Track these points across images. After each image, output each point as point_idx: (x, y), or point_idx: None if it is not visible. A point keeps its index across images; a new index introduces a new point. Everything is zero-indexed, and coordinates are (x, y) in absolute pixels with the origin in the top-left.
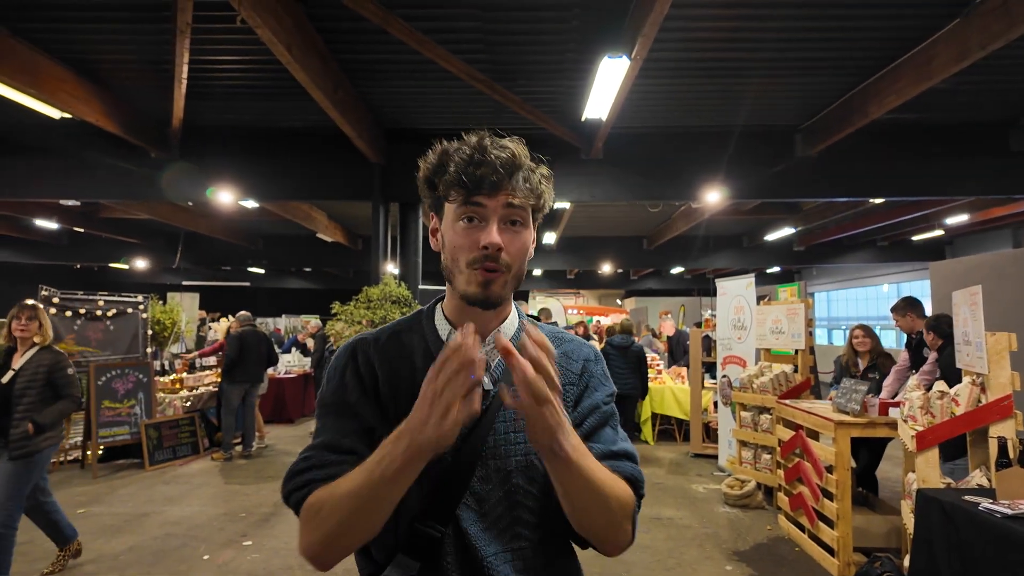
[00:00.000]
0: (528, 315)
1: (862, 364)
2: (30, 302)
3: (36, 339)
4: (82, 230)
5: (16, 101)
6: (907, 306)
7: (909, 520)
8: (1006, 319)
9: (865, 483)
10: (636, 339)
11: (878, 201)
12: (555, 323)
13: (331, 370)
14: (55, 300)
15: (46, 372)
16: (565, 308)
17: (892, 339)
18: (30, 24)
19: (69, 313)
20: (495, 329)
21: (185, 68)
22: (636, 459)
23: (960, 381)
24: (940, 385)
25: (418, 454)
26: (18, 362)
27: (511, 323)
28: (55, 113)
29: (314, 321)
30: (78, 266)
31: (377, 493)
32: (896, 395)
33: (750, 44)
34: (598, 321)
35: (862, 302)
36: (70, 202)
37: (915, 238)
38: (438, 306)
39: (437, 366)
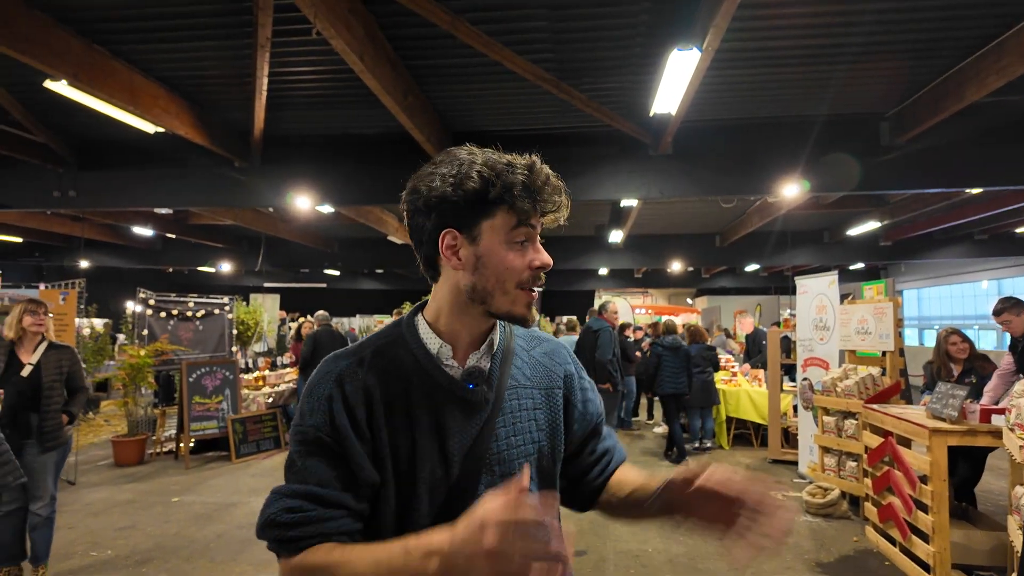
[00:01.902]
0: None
1: (956, 370)
2: (39, 299)
3: (44, 334)
4: (173, 236)
5: (116, 118)
6: (1014, 306)
7: (1016, 537)
8: None
9: (962, 498)
10: (709, 340)
11: (975, 191)
12: (627, 323)
13: (313, 398)
14: (151, 302)
15: (69, 367)
16: (632, 308)
17: (992, 340)
18: (127, 46)
19: (163, 314)
20: (489, 337)
21: (265, 80)
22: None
23: None
24: None
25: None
26: (31, 357)
27: (497, 329)
28: (150, 127)
29: (387, 321)
30: (170, 270)
31: None
32: (999, 401)
33: (833, 29)
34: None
35: (957, 300)
36: (163, 210)
37: (1019, 230)
38: (419, 318)
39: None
